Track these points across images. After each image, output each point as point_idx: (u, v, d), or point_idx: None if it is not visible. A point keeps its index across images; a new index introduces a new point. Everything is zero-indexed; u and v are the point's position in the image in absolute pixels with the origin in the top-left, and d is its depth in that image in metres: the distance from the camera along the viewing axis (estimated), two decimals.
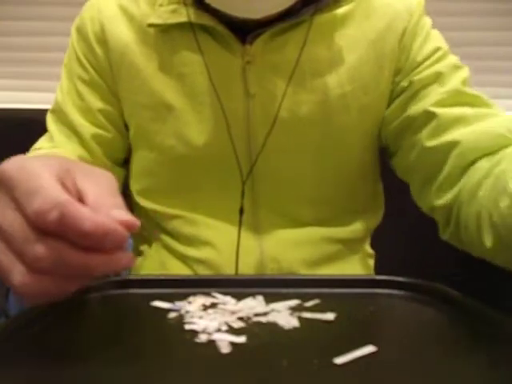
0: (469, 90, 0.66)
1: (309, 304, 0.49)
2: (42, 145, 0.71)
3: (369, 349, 0.39)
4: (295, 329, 0.43)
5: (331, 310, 0.47)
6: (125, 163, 0.75)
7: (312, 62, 0.66)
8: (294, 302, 0.49)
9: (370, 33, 0.67)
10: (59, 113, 0.71)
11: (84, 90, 0.70)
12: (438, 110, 0.63)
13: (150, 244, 0.76)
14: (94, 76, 0.70)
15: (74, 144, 0.69)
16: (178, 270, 0.71)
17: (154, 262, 0.74)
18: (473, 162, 0.59)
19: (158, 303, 0.48)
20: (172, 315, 0.46)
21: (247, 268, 0.69)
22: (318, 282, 0.54)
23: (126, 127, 0.72)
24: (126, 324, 0.46)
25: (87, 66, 0.70)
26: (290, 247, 0.70)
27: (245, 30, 0.64)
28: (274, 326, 0.44)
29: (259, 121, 0.66)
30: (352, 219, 0.74)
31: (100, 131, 0.70)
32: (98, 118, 0.70)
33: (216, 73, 0.65)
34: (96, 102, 0.70)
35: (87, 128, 0.69)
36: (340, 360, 0.38)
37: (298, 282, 0.54)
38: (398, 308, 0.50)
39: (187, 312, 0.46)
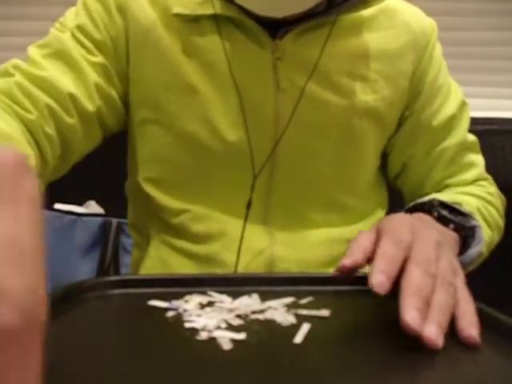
0: (471, 138, 0.77)
1: (303, 301, 0.50)
2: (25, 68, 0.61)
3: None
4: (293, 325, 0.44)
5: (325, 307, 0.48)
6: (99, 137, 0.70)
7: (337, 61, 0.67)
8: (288, 300, 0.50)
9: (390, 48, 0.71)
10: (56, 50, 0.63)
11: (91, 47, 0.65)
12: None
13: (148, 241, 0.74)
14: (107, 40, 0.66)
15: (71, 80, 0.63)
16: (182, 267, 0.70)
17: (155, 260, 0.73)
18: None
19: (155, 302, 0.49)
20: (170, 314, 0.46)
21: (256, 265, 0.68)
22: (310, 280, 0.55)
23: (125, 104, 0.69)
24: (125, 323, 0.46)
25: (102, 28, 0.66)
26: (299, 247, 0.70)
27: (273, 25, 0.64)
28: (272, 323, 0.45)
29: (287, 116, 0.67)
30: (361, 221, 0.76)
31: (103, 82, 0.66)
32: (101, 71, 0.65)
33: (243, 65, 0.65)
34: (96, 58, 0.65)
35: (91, 74, 0.64)
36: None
37: (291, 279, 0.55)
38: (390, 304, 0.51)
39: (185, 311, 0.47)
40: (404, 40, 0.71)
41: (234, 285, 0.53)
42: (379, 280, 0.40)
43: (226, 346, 0.40)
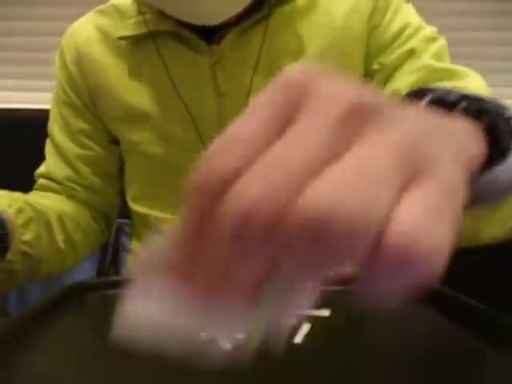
0: (442, 64, 0.61)
1: None
2: (40, 170, 0.76)
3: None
4: (293, 325, 0.44)
5: (325, 307, 0.47)
6: (120, 177, 0.78)
7: (278, 53, 0.65)
8: None
9: (335, 18, 0.66)
10: (50, 137, 0.76)
11: (66, 112, 0.74)
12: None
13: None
14: (73, 98, 0.73)
15: (61, 165, 0.74)
16: None
17: None
18: None
19: None
20: None
21: None
22: None
23: (116, 142, 0.74)
24: None
25: (67, 89, 0.74)
26: None
27: (211, 30, 0.64)
28: None
29: (232, 119, 0.64)
30: None
31: (83, 151, 0.73)
32: (79, 138, 0.73)
33: (183, 76, 0.66)
34: (77, 123, 0.74)
35: (71, 149, 0.73)
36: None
37: None
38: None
39: None
40: (349, 4, 0.65)
41: None
42: None
43: (226, 345, 0.39)
